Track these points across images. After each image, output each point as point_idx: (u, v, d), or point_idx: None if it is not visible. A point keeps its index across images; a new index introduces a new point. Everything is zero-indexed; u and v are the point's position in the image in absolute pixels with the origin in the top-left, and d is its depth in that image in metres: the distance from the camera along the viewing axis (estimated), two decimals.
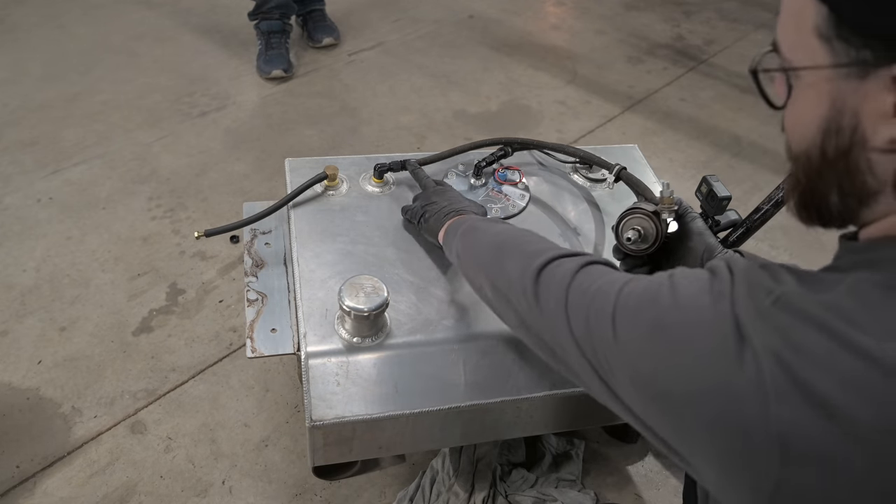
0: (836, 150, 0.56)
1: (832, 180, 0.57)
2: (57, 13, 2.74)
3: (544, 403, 1.09)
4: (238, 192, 1.97)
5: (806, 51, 0.55)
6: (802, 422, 0.49)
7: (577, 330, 0.69)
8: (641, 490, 1.37)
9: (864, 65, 0.51)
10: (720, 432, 0.53)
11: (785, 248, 1.98)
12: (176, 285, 1.69)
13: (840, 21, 0.52)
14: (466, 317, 1.08)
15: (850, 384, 0.48)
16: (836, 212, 0.59)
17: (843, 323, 0.50)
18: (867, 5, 0.50)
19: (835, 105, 0.54)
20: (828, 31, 0.53)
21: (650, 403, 0.60)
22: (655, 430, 0.61)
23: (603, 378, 0.66)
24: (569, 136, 2.34)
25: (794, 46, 0.57)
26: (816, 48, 0.54)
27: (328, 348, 1.02)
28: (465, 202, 1.10)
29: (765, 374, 0.50)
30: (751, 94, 2.62)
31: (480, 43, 2.83)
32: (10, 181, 1.96)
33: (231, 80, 2.46)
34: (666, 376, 0.57)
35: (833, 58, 0.53)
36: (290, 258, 1.19)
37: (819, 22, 0.53)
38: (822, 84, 0.55)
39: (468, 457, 1.31)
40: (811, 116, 0.57)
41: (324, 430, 0.98)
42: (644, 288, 0.63)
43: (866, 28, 0.51)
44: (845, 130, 0.54)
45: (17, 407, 1.43)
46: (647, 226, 0.89)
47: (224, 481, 1.33)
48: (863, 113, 0.53)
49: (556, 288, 0.74)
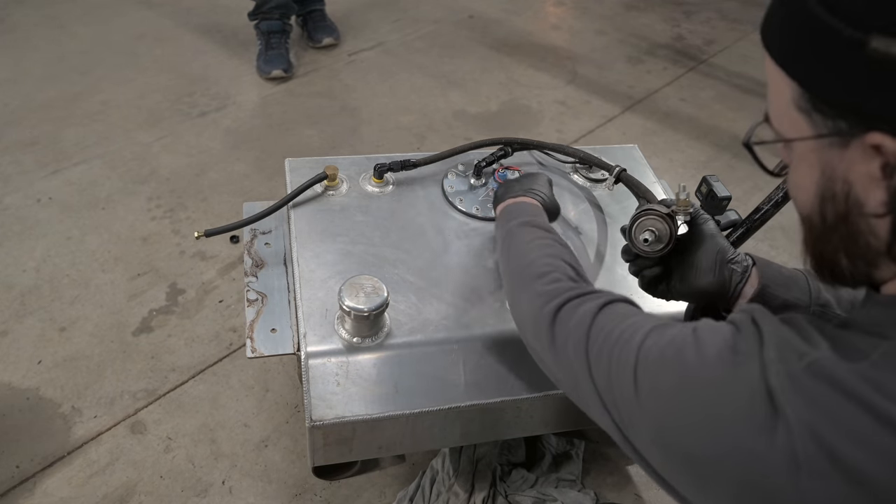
0: (835, 215, 0.56)
1: (837, 244, 0.58)
2: (57, 13, 2.74)
3: (544, 403, 1.08)
4: (238, 192, 1.97)
5: (790, 123, 0.57)
6: (837, 499, 0.48)
7: (599, 379, 0.67)
8: (641, 490, 1.37)
9: (842, 134, 0.53)
10: (747, 498, 0.52)
11: (785, 248, 1.98)
12: (176, 285, 1.69)
13: (812, 95, 0.54)
14: (466, 317, 1.08)
15: (889, 461, 0.47)
16: (848, 273, 0.59)
17: (882, 397, 0.49)
18: (835, 80, 0.52)
19: (825, 173, 0.55)
20: (805, 104, 0.54)
21: (672, 462, 0.59)
22: (676, 487, 0.60)
23: (623, 431, 0.65)
24: (569, 136, 2.34)
25: (780, 118, 0.58)
26: (798, 120, 0.56)
27: (328, 348, 1.02)
28: (537, 187, 1.07)
29: (797, 447, 0.49)
30: (751, 94, 2.62)
31: (480, 43, 2.83)
32: (10, 181, 1.96)
33: (231, 80, 2.46)
34: (690, 438, 0.56)
35: (814, 129, 0.55)
36: (290, 258, 1.19)
37: (795, 96, 0.55)
38: (810, 153, 0.56)
39: (468, 457, 1.31)
40: (807, 183, 0.58)
41: (324, 430, 0.98)
42: (668, 342, 0.61)
43: (837, 100, 0.52)
44: (839, 196, 0.55)
45: (17, 407, 1.43)
46: (661, 227, 0.89)
47: (224, 481, 1.33)
48: (853, 179, 0.54)
49: (576, 331, 0.72)
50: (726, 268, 0.87)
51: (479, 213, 1.25)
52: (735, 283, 0.87)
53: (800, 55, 0.54)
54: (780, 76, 0.56)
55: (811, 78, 0.53)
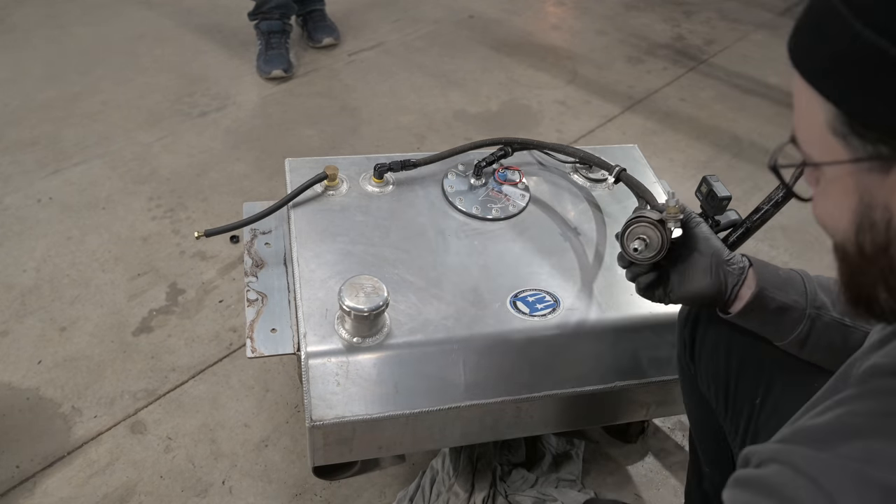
0: (874, 245, 0.52)
1: (876, 277, 0.53)
2: (57, 13, 2.74)
3: (544, 403, 1.09)
4: (238, 192, 1.97)
5: (823, 146, 0.53)
6: None
7: None
8: (641, 490, 1.37)
9: (883, 159, 0.49)
10: None
11: (785, 248, 1.98)
12: (176, 285, 1.69)
13: (851, 118, 0.50)
14: (466, 317, 1.09)
15: None
16: (888, 308, 0.55)
17: None
18: (877, 102, 0.48)
19: (863, 200, 0.52)
20: (841, 127, 0.51)
21: None
22: None
23: None
24: (569, 136, 2.34)
25: (811, 142, 0.55)
26: (833, 144, 0.52)
27: (328, 348, 1.02)
28: None
29: None
30: (751, 94, 2.62)
31: (480, 43, 2.83)
32: (10, 181, 1.96)
33: (231, 80, 2.46)
34: None
35: (851, 153, 0.51)
36: (290, 258, 1.19)
37: (830, 119, 0.51)
38: (846, 178, 0.52)
39: (468, 457, 1.31)
40: (842, 210, 0.54)
41: (324, 430, 0.99)
42: None
43: (879, 124, 0.49)
44: (879, 225, 0.51)
45: (17, 407, 1.43)
46: (652, 234, 0.89)
47: (224, 481, 1.33)
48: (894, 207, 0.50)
49: None
50: (722, 270, 0.87)
51: (479, 213, 1.25)
52: (731, 286, 0.87)
53: (838, 76, 0.50)
54: (812, 97, 0.52)
55: (850, 100, 0.50)
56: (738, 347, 0.93)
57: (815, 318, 0.85)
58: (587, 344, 1.11)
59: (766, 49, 2.95)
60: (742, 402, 0.90)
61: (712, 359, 0.96)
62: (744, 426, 0.90)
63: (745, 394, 0.90)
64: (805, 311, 0.85)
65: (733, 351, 0.93)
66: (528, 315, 1.11)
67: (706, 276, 0.87)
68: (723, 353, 0.94)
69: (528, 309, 1.11)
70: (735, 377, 0.92)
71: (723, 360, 0.94)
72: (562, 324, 1.10)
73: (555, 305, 1.12)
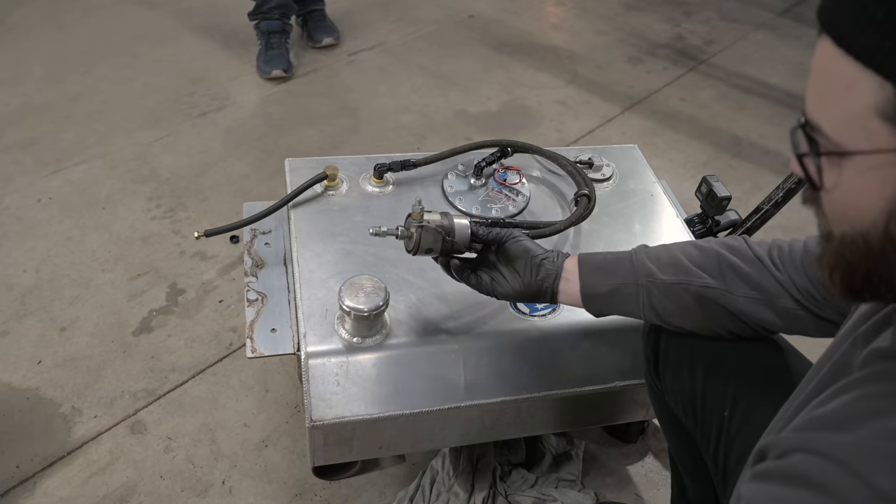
0: None
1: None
2: (57, 13, 2.74)
3: (544, 403, 1.09)
4: (238, 192, 1.97)
5: (865, 132, 0.48)
6: None
7: None
8: (641, 490, 1.37)
9: None
10: None
11: None
12: (176, 285, 1.69)
13: None
14: (466, 317, 1.09)
15: None
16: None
17: None
18: None
19: None
20: (894, 112, 0.46)
21: None
22: None
23: None
24: (569, 137, 2.34)
25: (846, 126, 0.49)
26: (878, 130, 0.47)
27: (328, 348, 1.02)
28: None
29: None
30: (751, 94, 2.62)
31: (480, 43, 2.82)
32: (10, 181, 1.96)
33: (231, 80, 2.46)
34: None
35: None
36: (290, 258, 1.19)
37: (880, 101, 0.46)
38: (886, 168, 0.48)
39: (468, 457, 1.31)
40: (872, 200, 0.50)
41: (324, 430, 0.98)
42: None
43: None
44: None
45: (17, 407, 1.43)
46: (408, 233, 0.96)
47: (224, 481, 1.33)
48: None
49: None
50: (534, 271, 0.93)
51: (479, 213, 1.25)
52: (548, 283, 0.93)
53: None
54: (858, 77, 0.47)
55: None
56: (701, 360, 0.92)
57: (648, 286, 0.90)
58: (587, 344, 1.11)
59: (766, 49, 2.95)
60: (710, 416, 0.89)
61: (677, 375, 0.95)
62: (714, 440, 0.89)
63: (713, 407, 0.89)
64: (636, 283, 0.90)
65: (696, 364, 0.92)
66: (528, 315, 1.11)
67: (516, 278, 0.95)
68: (686, 367, 0.93)
69: (528, 309, 1.11)
70: (701, 392, 0.91)
71: (687, 376, 0.93)
72: (562, 324, 1.10)
73: (555, 305, 1.12)
